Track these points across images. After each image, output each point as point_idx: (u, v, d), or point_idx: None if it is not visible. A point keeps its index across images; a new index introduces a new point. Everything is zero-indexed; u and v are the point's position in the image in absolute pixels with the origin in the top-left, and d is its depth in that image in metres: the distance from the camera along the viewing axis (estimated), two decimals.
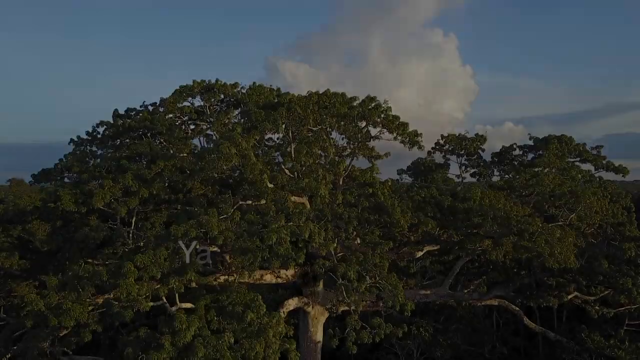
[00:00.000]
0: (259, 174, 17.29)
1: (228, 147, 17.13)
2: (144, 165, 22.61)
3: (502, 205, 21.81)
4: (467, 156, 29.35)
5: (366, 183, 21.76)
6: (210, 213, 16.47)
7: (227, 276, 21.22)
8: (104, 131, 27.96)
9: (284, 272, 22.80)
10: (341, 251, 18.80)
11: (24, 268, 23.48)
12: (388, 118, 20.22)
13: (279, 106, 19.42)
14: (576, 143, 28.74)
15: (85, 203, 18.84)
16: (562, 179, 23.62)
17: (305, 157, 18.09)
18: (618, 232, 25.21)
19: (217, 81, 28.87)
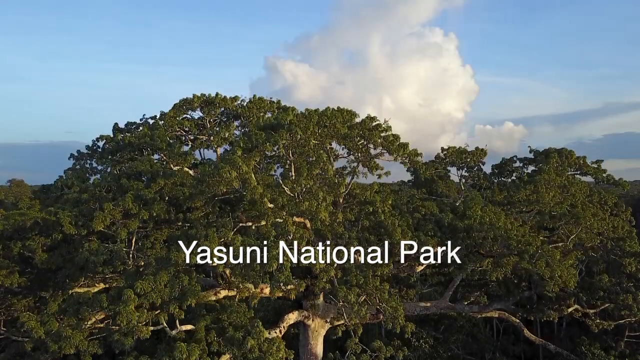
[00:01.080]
0: (260, 197, 17.29)
1: (228, 171, 17.13)
2: (144, 182, 22.64)
3: (503, 223, 21.79)
4: (467, 169, 29.33)
5: (366, 201, 21.76)
6: (211, 238, 16.45)
7: (228, 291, 21.26)
8: (104, 145, 28.02)
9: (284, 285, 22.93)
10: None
11: (24, 285, 23.43)
12: (388, 139, 20.19)
13: (279, 127, 19.38)
14: (576, 156, 28.72)
15: (85, 225, 18.85)
16: (562, 195, 23.60)
17: (305, 180, 18.06)
18: (618, 247, 25.18)
19: (217, 95, 28.94)
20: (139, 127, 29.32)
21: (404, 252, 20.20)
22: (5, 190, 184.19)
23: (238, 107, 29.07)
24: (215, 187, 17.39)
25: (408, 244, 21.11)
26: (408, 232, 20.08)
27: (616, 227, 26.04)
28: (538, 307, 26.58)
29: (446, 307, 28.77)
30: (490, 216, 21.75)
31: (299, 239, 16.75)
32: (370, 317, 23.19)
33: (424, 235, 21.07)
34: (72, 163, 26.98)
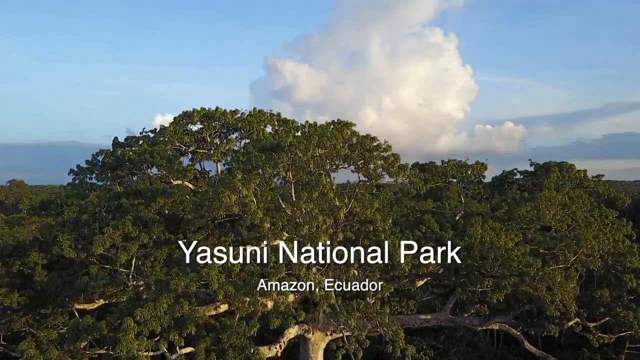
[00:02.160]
0: (260, 222, 17.27)
1: (228, 196, 17.09)
2: (144, 201, 22.61)
3: (503, 242, 21.75)
4: (467, 182, 29.24)
5: (367, 220, 21.73)
6: (211, 265, 16.45)
7: (228, 306, 21.23)
8: (104, 159, 27.98)
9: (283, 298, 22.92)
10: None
11: (25, 303, 23.46)
12: (388, 160, 20.14)
13: (279, 149, 19.34)
14: (577, 170, 28.64)
15: (84, 249, 18.83)
16: (563, 212, 23.53)
17: (305, 204, 18.03)
18: (619, 262, 25.13)
19: (217, 109, 28.88)
20: (139, 141, 29.27)
21: (404, 252, 20.37)
22: (6, 190, 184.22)
23: (238, 121, 29.01)
24: (215, 212, 17.35)
25: (408, 244, 21.28)
26: (409, 255, 20.04)
27: (617, 241, 25.98)
28: (539, 322, 26.52)
29: (446, 319, 28.74)
30: (490, 235, 21.72)
31: (299, 265, 16.72)
32: (371, 330, 23.26)
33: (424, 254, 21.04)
34: (72, 178, 26.91)
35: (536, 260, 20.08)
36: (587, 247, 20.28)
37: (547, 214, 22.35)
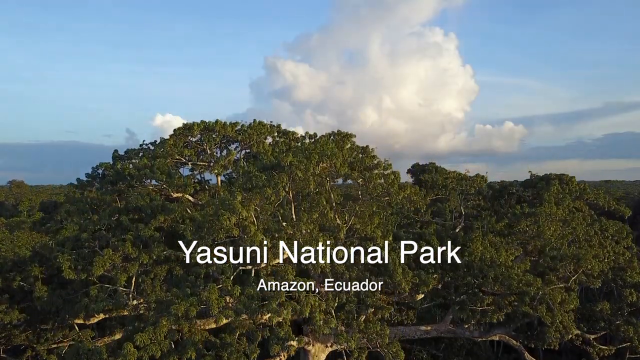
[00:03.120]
0: (260, 245, 17.26)
1: (228, 219, 17.07)
2: (144, 218, 22.60)
3: (504, 259, 21.75)
4: (467, 194, 29.26)
5: (367, 237, 21.70)
6: (210, 288, 16.44)
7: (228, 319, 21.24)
8: (104, 172, 27.97)
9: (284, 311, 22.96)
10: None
11: (25, 319, 23.45)
12: (389, 180, 20.11)
13: (279, 168, 19.32)
14: (577, 182, 28.62)
15: (84, 269, 18.82)
16: (563, 229, 23.52)
17: (305, 225, 18.02)
18: (619, 277, 25.12)
19: (217, 122, 28.85)
20: (139, 153, 29.26)
21: (404, 252, 20.50)
22: (6, 191, 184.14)
23: (238, 134, 28.98)
24: (215, 234, 17.34)
25: (408, 244, 21.44)
26: (409, 273, 20.03)
27: (617, 253, 25.98)
28: (539, 335, 26.52)
29: (447, 330, 28.76)
30: (491, 252, 21.71)
31: (299, 287, 16.71)
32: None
33: (424, 273, 21.05)
34: (72, 191, 26.90)
35: (536, 279, 20.06)
36: (587, 267, 20.27)
37: (547, 231, 22.32)
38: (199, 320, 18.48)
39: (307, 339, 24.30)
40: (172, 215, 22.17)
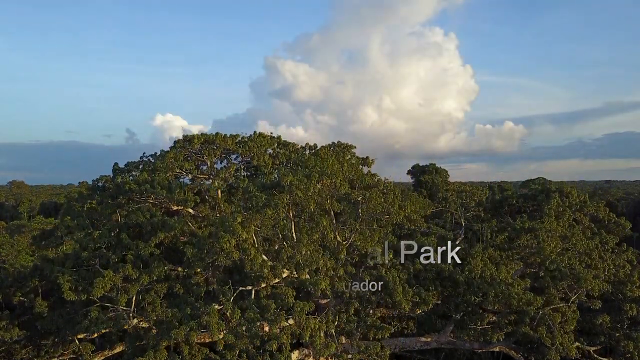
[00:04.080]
0: (260, 268, 17.27)
1: (228, 241, 17.08)
2: (145, 235, 22.59)
3: (504, 276, 21.75)
4: (467, 207, 29.25)
5: (367, 255, 21.72)
6: (211, 312, 16.45)
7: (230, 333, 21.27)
8: (104, 184, 27.95)
9: (284, 324, 23.03)
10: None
11: (25, 335, 23.48)
12: (389, 200, 20.11)
13: (280, 188, 19.33)
14: (577, 194, 28.63)
15: (85, 290, 18.83)
16: (564, 244, 23.52)
17: (305, 247, 18.02)
18: (619, 291, 25.12)
19: (217, 134, 28.80)
20: (139, 166, 29.22)
21: (404, 252, 20.61)
22: (6, 191, 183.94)
23: (238, 147, 28.94)
24: (215, 257, 17.35)
25: (408, 243, 21.60)
26: (409, 292, 20.05)
27: (618, 266, 25.98)
28: (539, 348, 26.56)
29: (447, 342, 28.80)
30: (491, 270, 21.71)
31: (299, 312, 16.72)
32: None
33: (424, 291, 21.06)
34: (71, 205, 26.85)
35: (537, 298, 20.08)
36: (587, 287, 20.29)
37: (547, 247, 22.33)
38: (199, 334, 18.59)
39: (307, 350, 24.39)
40: (172, 232, 22.15)
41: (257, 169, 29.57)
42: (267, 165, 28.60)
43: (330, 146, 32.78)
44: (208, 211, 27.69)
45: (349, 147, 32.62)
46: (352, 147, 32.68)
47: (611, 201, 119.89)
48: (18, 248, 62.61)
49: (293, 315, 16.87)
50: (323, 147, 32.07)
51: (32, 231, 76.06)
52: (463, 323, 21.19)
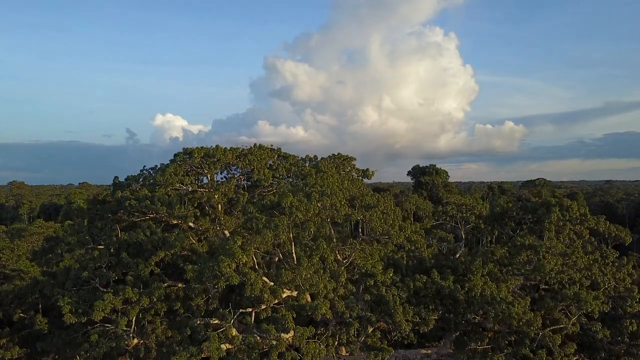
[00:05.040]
0: (260, 292, 17.26)
1: (228, 265, 17.07)
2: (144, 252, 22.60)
3: (504, 295, 21.72)
4: (467, 222, 29.30)
5: (368, 274, 21.71)
6: (211, 338, 16.45)
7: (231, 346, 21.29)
8: (105, 198, 27.94)
9: (284, 336, 23.05)
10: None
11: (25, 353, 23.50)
12: (388, 221, 20.10)
13: (280, 209, 19.29)
14: (577, 207, 28.58)
15: (85, 313, 18.82)
16: (564, 261, 23.49)
17: (305, 270, 18.01)
18: (619, 307, 25.10)
19: (217, 148, 28.78)
20: (139, 179, 29.21)
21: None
22: (6, 191, 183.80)
23: (239, 160, 28.93)
24: (215, 281, 17.34)
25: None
26: (409, 312, 20.05)
27: (618, 280, 25.97)
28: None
29: (447, 354, 28.84)
30: (491, 288, 21.68)
31: (300, 338, 16.72)
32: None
33: (424, 310, 21.06)
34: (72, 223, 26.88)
35: (537, 318, 20.07)
36: (587, 310, 20.29)
37: (547, 266, 22.31)
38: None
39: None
40: (172, 250, 22.16)
41: (258, 182, 29.54)
42: (267, 179, 28.58)
43: (330, 158, 32.80)
44: (208, 224, 27.68)
45: (349, 159, 32.65)
46: (352, 159, 32.72)
47: (611, 202, 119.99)
48: (18, 253, 62.48)
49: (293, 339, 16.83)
50: (323, 160, 32.08)
51: (32, 235, 76.04)
52: (463, 342, 21.16)
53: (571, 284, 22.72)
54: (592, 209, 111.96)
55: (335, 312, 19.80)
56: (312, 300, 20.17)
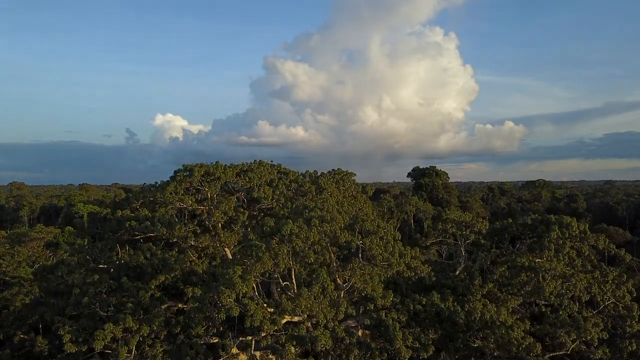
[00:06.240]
0: (260, 322, 17.29)
1: (228, 296, 17.10)
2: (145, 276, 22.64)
3: (504, 318, 21.78)
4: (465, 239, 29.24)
5: (367, 298, 21.73)
6: None
7: None
8: (105, 216, 28.00)
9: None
10: None
11: None
12: (388, 249, 20.11)
13: (280, 235, 19.31)
14: (577, 225, 28.57)
15: (85, 341, 18.86)
16: (564, 285, 23.49)
17: (305, 301, 18.03)
18: (619, 327, 25.12)
19: (217, 165, 28.80)
20: (139, 197, 29.22)
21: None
22: (6, 192, 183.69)
23: (239, 178, 28.95)
24: (215, 312, 17.37)
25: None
26: (409, 338, 20.07)
27: (618, 297, 25.98)
28: None
29: None
30: (491, 312, 21.72)
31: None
32: None
33: (424, 336, 21.10)
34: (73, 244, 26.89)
35: (537, 344, 20.10)
36: (586, 337, 20.33)
37: (547, 290, 22.35)
38: None
39: None
40: (172, 274, 22.20)
41: (258, 200, 29.57)
42: (267, 197, 28.61)
43: (330, 174, 32.83)
44: (209, 241, 27.74)
45: (349, 174, 32.68)
46: (352, 175, 32.74)
47: (611, 204, 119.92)
48: (18, 259, 62.51)
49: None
50: (323, 175, 32.11)
51: (32, 241, 76.04)
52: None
53: (570, 304, 22.78)
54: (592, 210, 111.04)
55: (335, 337, 19.83)
56: (312, 326, 20.24)
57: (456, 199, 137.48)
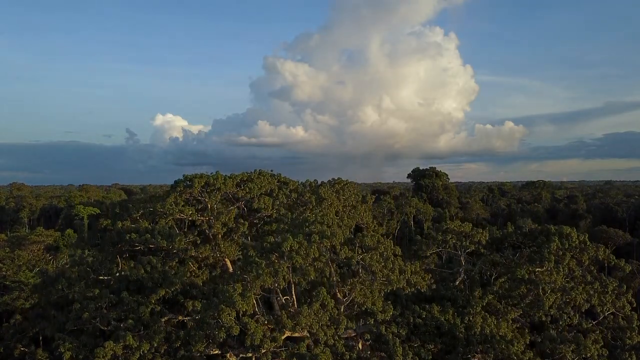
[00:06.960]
0: (260, 341, 17.32)
1: (228, 314, 17.13)
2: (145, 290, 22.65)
3: (504, 331, 21.81)
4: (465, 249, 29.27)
5: (367, 312, 21.75)
6: None
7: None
8: (106, 227, 28.01)
9: None
10: None
11: None
12: (388, 266, 20.12)
13: (280, 251, 19.33)
14: (577, 235, 28.59)
15: (86, 358, 18.89)
16: (564, 298, 23.54)
17: (306, 319, 18.05)
18: (619, 338, 25.15)
19: (217, 175, 28.81)
20: (139, 207, 29.23)
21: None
22: (6, 193, 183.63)
23: (239, 189, 28.95)
24: (215, 331, 17.39)
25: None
26: (409, 354, 20.11)
27: (618, 308, 26.02)
28: None
29: None
30: (491, 326, 21.75)
31: None
32: None
33: (424, 350, 21.14)
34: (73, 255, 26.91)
35: (537, 359, 20.15)
36: (586, 354, 20.37)
37: (546, 303, 22.39)
38: None
39: None
40: (172, 288, 22.22)
41: (258, 210, 29.57)
42: (267, 208, 28.62)
43: (330, 183, 32.85)
44: (209, 252, 27.74)
45: (349, 184, 32.70)
46: (352, 185, 32.76)
47: (611, 205, 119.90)
48: (18, 263, 62.51)
49: None
50: (323, 185, 32.13)
51: (32, 244, 76.05)
52: None
53: (570, 314, 22.85)
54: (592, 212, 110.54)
55: (335, 352, 19.86)
56: (313, 343, 20.25)
57: (456, 200, 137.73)
